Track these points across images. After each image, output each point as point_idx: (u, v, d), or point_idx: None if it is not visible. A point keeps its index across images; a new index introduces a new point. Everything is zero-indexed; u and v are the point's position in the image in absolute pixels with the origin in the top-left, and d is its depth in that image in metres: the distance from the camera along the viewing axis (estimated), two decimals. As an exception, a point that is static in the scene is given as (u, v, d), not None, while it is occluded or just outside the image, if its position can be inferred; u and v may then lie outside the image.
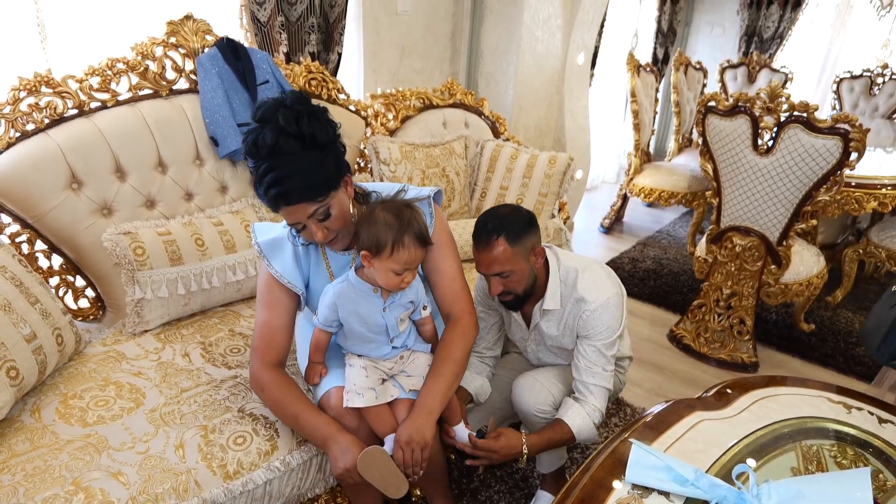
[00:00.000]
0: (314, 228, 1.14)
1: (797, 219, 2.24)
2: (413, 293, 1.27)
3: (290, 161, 1.06)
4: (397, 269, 1.16)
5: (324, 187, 1.11)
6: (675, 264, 3.55)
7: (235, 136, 1.76)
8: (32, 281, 1.36)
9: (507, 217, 1.33)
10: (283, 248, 1.28)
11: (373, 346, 1.27)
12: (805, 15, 4.89)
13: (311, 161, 1.08)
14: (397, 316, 1.25)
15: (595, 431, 1.42)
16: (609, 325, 1.41)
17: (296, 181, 1.07)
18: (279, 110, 1.07)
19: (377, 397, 1.23)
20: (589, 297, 1.40)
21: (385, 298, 1.24)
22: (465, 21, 3.05)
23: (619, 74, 4.66)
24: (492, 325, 1.61)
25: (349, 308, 1.22)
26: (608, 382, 1.44)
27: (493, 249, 1.31)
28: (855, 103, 4.50)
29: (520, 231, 1.33)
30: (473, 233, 1.35)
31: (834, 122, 2.02)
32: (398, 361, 1.31)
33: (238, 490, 1.20)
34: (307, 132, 1.07)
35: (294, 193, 1.08)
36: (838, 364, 2.57)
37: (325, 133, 1.10)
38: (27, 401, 1.31)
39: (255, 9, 2.08)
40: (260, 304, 1.29)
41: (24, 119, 1.48)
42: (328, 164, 1.11)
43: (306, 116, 1.08)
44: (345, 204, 1.18)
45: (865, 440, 1.17)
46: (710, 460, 1.08)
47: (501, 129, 2.67)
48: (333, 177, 1.13)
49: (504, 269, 1.33)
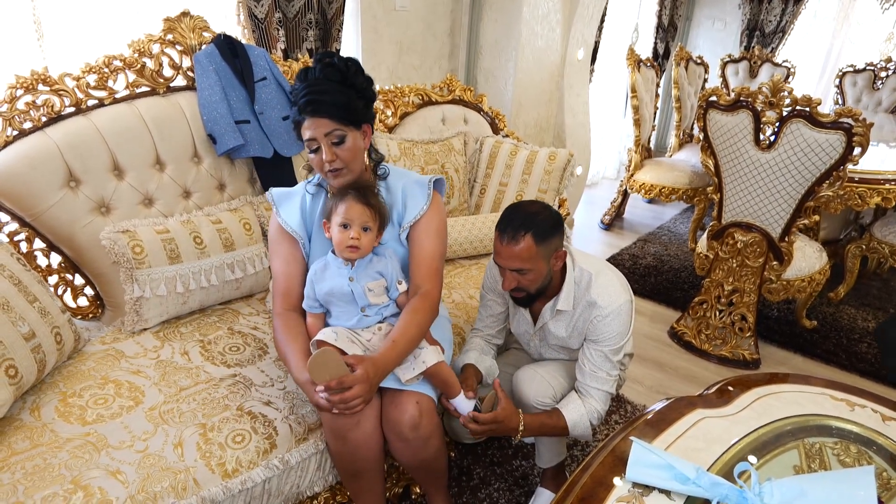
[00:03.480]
0: (325, 148, 1.27)
1: (799, 214, 2.22)
2: (382, 266, 1.34)
3: (329, 86, 1.26)
4: (340, 222, 1.28)
5: (347, 116, 1.27)
6: (675, 261, 3.54)
7: (233, 134, 1.76)
8: (31, 279, 1.35)
9: (538, 215, 1.32)
10: (292, 200, 1.42)
11: (344, 317, 1.34)
12: (807, 8, 4.86)
13: (345, 93, 1.27)
14: (364, 284, 1.31)
15: (589, 430, 1.44)
16: (619, 332, 1.41)
17: (327, 97, 1.25)
18: (335, 55, 1.30)
19: (336, 340, 1.25)
20: (602, 303, 1.39)
21: (352, 268, 1.32)
22: (464, 17, 3.04)
23: (620, 70, 4.64)
24: (498, 313, 1.62)
25: (322, 283, 1.33)
26: (611, 387, 1.45)
27: (518, 245, 1.30)
28: (858, 98, 4.47)
29: (547, 232, 1.32)
30: (500, 223, 1.34)
31: (837, 116, 2.00)
32: (377, 332, 1.33)
33: (237, 488, 1.20)
34: (351, 74, 1.29)
35: (322, 106, 1.25)
36: (841, 361, 2.55)
37: (364, 83, 1.31)
38: (26, 399, 1.31)
39: (253, 5, 2.06)
40: (272, 254, 1.43)
41: (21, 117, 1.47)
42: (357, 104, 1.29)
43: (354, 66, 1.30)
44: (359, 144, 1.32)
45: (869, 438, 1.16)
46: (712, 458, 1.07)
47: (501, 125, 2.66)
48: (358, 116, 1.30)
49: (525, 266, 1.32)
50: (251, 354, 1.53)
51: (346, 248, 1.28)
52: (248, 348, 1.55)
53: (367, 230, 1.29)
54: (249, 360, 1.51)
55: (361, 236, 1.28)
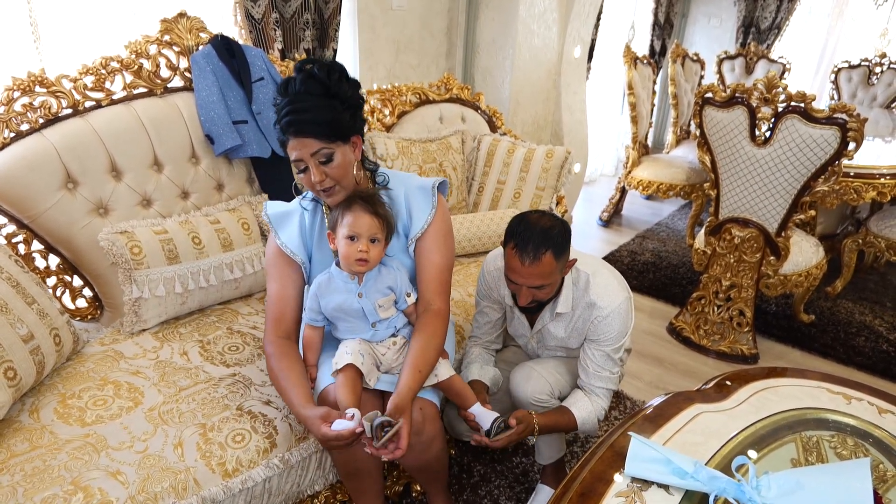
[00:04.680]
0: (313, 168, 1.20)
1: (796, 209, 2.23)
2: (391, 279, 1.28)
3: (312, 100, 1.18)
4: (347, 234, 1.21)
5: (333, 133, 1.20)
6: (674, 257, 3.54)
7: (231, 134, 1.76)
8: (29, 281, 1.35)
9: (553, 230, 1.29)
10: (290, 221, 1.36)
11: (354, 331, 1.30)
12: (802, 5, 4.86)
13: (329, 107, 1.19)
14: (374, 301, 1.26)
15: (597, 425, 1.47)
16: (619, 331, 1.42)
17: (310, 115, 1.18)
18: (316, 62, 1.21)
19: (363, 364, 1.23)
20: (601, 303, 1.40)
21: (360, 284, 1.26)
22: (461, 16, 3.04)
23: (617, 67, 4.64)
24: (496, 319, 1.62)
25: (329, 297, 1.27)
26: (614, 385, 1.47)
27: (541, 264, 1.27)
28: (853, 93, 4.48)
29: (563, 245, 1.30)
30: (514, 242, 1.29)
31: (831, 111, 2.01)
32: (391, 347, 1.31)
33: (237, 488, 1.20)
34: (334, 83, 1.20)
35: (305, 125, 1.17)
36: (838, 354, 2.57)
37: (349, 92, 1.23)
38: (25, 401, 1.31)
39: (250, 5, 2.06)
40: (269, 277, 1.36)
41: (18, 119, 1.47)
42: (343, 117, 1.21)
43: (337, 73, 1.22)
44: (348, 158, 1.24)
45: (865, 430, 1.17)
46: (710, 452, 1.08)
47: (498, 123, 2.66)
48: (344, 130, 1.22)
49: (545, 282, 1.31)
50: (250, 354, 1.53)
51: (354, 262, 1.22)
52: (247, 348, 1.55)
53: (375, 242, 1.23)
54: (249, 359, 1.51)
55: (370, 249, 1.21)
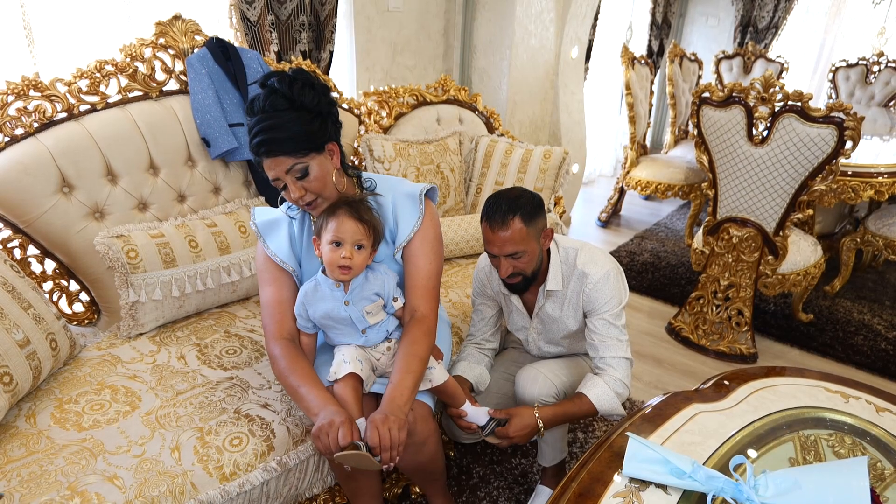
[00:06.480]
0: (291, 185, 1.19)
1: (793, 209, 2.23)
2: (378, 285, 1.26)
3: (278, 117, 1.15)
4: (331, 239, 1.19)
5: (304, 146, 1.17)
6: (672, 257, 3.54)
7: (227, 137, 1.75)
8: (25, 286, 1.35)
9: (521, 198, 1.35)
10: (279, 229, 1.34)
11: (345, 338, 1.29)
12: (800, 4, 4.87)
13: (297, 119, 1.16)
14: (361, 308, 1.25)
15: (617, 401, 1.41)
16: (613, 296, 1.43)
17: (278, 133, 1.15)
18: (277, 75, 1.17)
19: (362, 370, 1.23)
20: (590, 271, 1.43)
21: (346, 291, 1.24)
22: (458, 17, 3.04)
23: (614, 67, 4.64)
24: (490, 316, 1.63)
25: (316, 305, 1.25)
26: (626, 352, 1.44)
27: (509, 229, 1.32)
28: (851, 92, 4.48)
29: (533, 212, 1.35)
30: (485, 214, 1.36)
31: (828, 110, 2.01)
32: (385, 353, 1.30)
33: (235, 491, 1.20)
34: (297, 94, 1.16)
35: (275, 144, 1.15)
36: (837, 353, 2.56)
37: (315, 100, 1.18)
38: (22, 406, 1.30)
39: (245, 8, 2.06)
40: (261, 282, 1.34)
41: (12, 123, 1.47)
42: (312, 127, 1.18)
43: (300, 82, 1.17)
44: (325, 168, 1.22)
45: (863, 429, 1.17)
46: (708, 452, 1.08)
47: (496, 124, 2.66)
48: (316, 140, 1.19)
49: (518, 248, 1.34)
50: (248, 357, 1.53)
51: (337, 269, 1.20)
52: (244, 351, 1.55)
53: (360, 248, 1.21)
54: (246, 362, 1.51)
55: (354, 255, 1.20)
